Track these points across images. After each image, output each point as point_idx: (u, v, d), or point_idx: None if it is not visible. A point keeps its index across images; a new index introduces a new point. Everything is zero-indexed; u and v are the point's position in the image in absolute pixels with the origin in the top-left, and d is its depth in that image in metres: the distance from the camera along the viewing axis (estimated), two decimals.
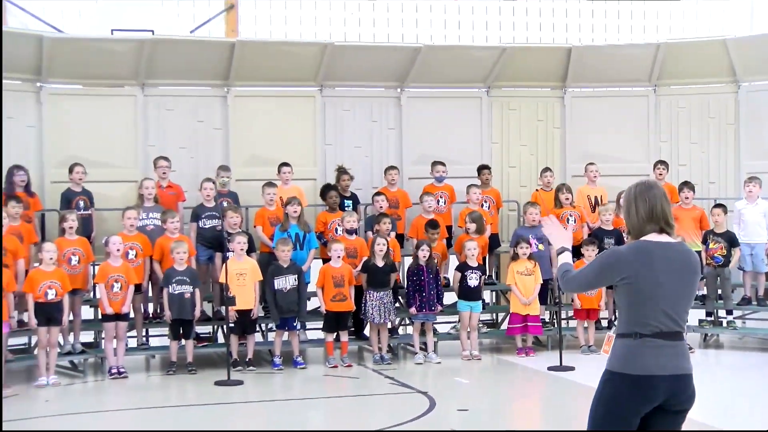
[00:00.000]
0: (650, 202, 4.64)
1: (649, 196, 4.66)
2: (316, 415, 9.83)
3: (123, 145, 13.30)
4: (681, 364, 4.56)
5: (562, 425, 8.94)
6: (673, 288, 4.56)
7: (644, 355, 4.51)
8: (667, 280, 4.54)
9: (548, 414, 9.71)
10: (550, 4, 19.76)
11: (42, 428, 9.20)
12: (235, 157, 13.57)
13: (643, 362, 4.50)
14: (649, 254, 4.57)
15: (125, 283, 11.25)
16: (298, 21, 18.37)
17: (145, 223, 12.07)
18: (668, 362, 4.52)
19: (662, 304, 4.53)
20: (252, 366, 11.56)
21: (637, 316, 4.55)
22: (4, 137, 12.76)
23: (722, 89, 14.67)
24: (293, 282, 11.71)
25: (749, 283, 13.00)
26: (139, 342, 12.27)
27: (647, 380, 4.47)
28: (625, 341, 4.58)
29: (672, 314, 4.55)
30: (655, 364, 4.49)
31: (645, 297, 4.54)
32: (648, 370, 4.48)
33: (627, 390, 4.50)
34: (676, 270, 4.59)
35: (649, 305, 4.53)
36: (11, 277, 10.70)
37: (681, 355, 4.58)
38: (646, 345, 4.52)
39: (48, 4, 17.14)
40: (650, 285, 4.53)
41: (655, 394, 4.49)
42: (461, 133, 14.44)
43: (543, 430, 6.14)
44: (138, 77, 13.31)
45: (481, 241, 12.62)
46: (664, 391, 4.49)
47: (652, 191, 4.69)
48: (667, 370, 4.50)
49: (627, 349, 4.56)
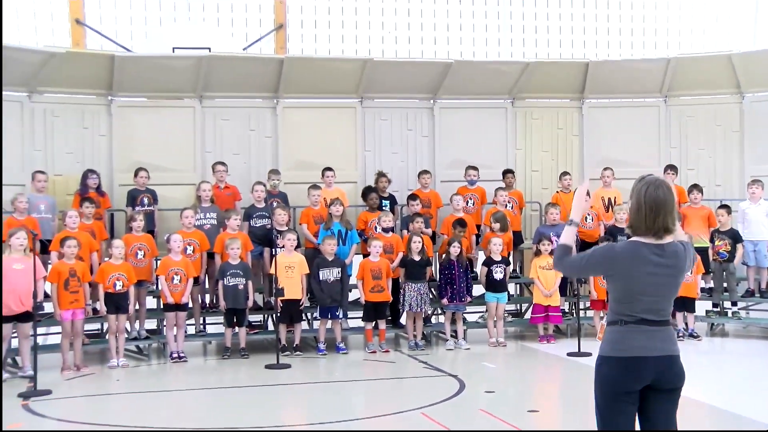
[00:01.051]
0: (655, 209, 4.54)
1: (655, 202, 4.54)
2: (357, 396, 9.82)
3: (183, 152, 13.39)
4: (666, 346, 4.55)
5: (579, 406, 8.91)
6: (658, 286, 4.54)
7: (631, 339, 4.51)
8: (653, 278, 4.52)
9: (567, 395, 9.68)
10: (569, 23, 19.67)
11: (112, 405, 9.30)
12: (284, 162, 13.62)
13: (630, 345, 4.50)
14: (640, 255, 4.54)
15: (184, 276, 11.31)
16: (340, 39, 18.42)
17: (203, 221, 12.13)
18: (653, 345, 4.51)
19: (647, 300, 4.52)
20: (299, 351, 11.59)
21: (624, 307, 4.56)
22: (80, 145, 12.99)
23: (727, 100, 14.53)
24: (336, 274, 11.75)
25: (753, 276, 12.94)
26: (197, 329, 12.35)
27: (634, 361, 4.48)
28: (613, 328, 4.59)
29: (656, 308, 4.54)
30: (640, 347, 4.49)
31: (632, 292, 4.53)
32: (634, 352, 4.49)
33: (617, 371, 4.51)
34: (664, 270, 4.55)
35: (634, 298, 4.53)
36: (86, 269, 10.84)
37: (666, 339, 4.57)
38: (632, 330, 4.52)
39: (119, 27, 17.32)
40: (637, 283, 4.52)
41: (642, 373, 4.48)
42: (488, 140, 14.41)
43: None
44: (196, 90, 13.41)
45: (505, 238, 12.60)
46: (651, 371, 4.49)
47: (660, 194, 4.56)
48: (653, 352, 4.50)
49: (615, 335, 4.57)
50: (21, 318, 10.22)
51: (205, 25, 17.68)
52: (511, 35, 19.42)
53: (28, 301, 10.10)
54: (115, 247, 11.07)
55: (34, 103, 12.71)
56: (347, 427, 7.99)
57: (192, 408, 9.12)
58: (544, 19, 19.59)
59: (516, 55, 18.81)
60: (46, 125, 12.79)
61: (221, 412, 8.82)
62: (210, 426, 8.06)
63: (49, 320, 11.20)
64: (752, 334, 13.07)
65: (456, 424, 7.79)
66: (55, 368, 10.48)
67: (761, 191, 12.89)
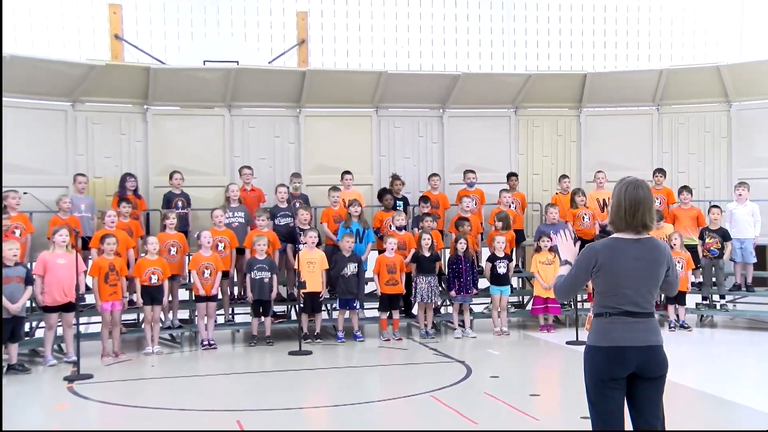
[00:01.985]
0: (634, 206, 4.54)
1: (635, 199, 4.54)
2: (372, 380, 9.84)
3: (213, 156, 13.41)
4: (648, 336, 4.53)
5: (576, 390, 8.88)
6: (638, 278, 4.52)
7: (615, 330, 4.51)
8: (633, 271, 4.51)
9: (565, 380, 9.65)
10: (569, 38, 19.63)
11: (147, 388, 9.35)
12: (306, 165, 13.63)
13: (613, 336, 4.50)
14: (619, 250, 4.54)
15: (214, 270, 11.36)
16: (357, 53, 18.43)
17: (231, 220, 12.17)
18: (636, 335, 4.50)
19: (628, 292, 4.51)
20: (319, 339, 11.63)
21: (608, 300, 4.55)
22: (118, 150, 13.03)
23: (716, 108, 14.47)
24: (354, 269, 11.78)
25: (739, 272, 12.92)
26: (226, 319, 12.42)
27: (617, 350, 4.47)
28: (599, 320, 4.59)
29: (637, 299, 4.52)
30: (623, 337, 4.49)
31: (614, 285, 4.52)
32: (617, 342, 4.49)
33: (602, 360, 4.51)
34: (643, 263, 4.54)
35: (617, 292, 4.51)
36: (123, 264, 10.89)
37: (648, 330, 4.54)
38: (615, 322, 4.52)
39: (155, 41, 17.37)
40: (618, 276, 4.51)
41: (625, 362, 4.47)
42: (493, 146, 14.40)
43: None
44: (225, 100, 13.44)
45: (507, 236, 12.62)
46: (633, 360, 4.47)
47: (639, 193, 4.56)
48: (635, 342, 4.49)
49: (600, 326, 4.57)
50: (65, 308, 10.31)
51: (234, 40, 17.71)
52: (514, 49, 19.40)
53: (71, 293, 10.18)
54: (150, 243, 11.13)
55: (77, 112, 12.77)
56: (364, 409, 8.01)
57: (221, 391, 9.14)
58: (545, 34, 19.55)
59: (519, 68, 18.79)
60: (88, 132, 12.84)
61: (248, 394, 8.87)
62: (237, 407, 8.06)
63: (91, 311, 11.29)
64: (739, 325, 13.03)
65: (463, 406, 7.78)
66: (95, 354, 10.54)
67: (747, 193, 12.87)
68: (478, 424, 7.19)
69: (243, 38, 17.91)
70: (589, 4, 19.76)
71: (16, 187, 11.27)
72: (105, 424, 7.82)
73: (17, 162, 11.99)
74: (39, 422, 7.96)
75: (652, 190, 4.73)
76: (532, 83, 14.30)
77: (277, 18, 18.22)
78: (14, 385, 9.32)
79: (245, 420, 7.38)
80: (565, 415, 7.75)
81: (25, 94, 12.33)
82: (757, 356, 10.73)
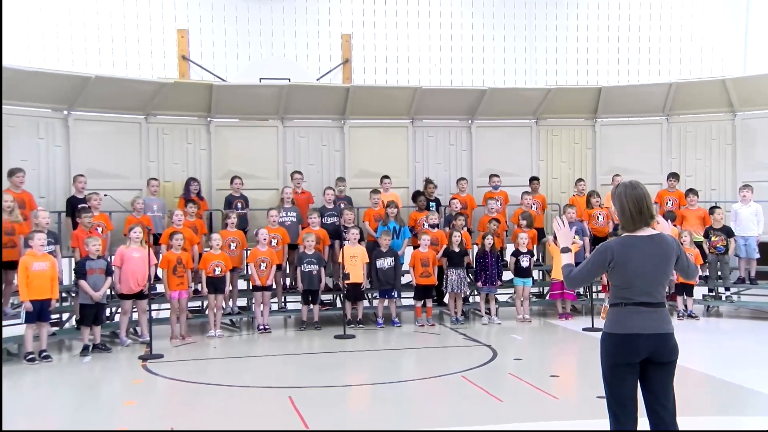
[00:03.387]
0: (638, 203, 4.48)
1: (636, 197, 4.50)
2: (408, 361, 9.83)
3: (268, 163, 13.47)
4: (660, 325, 4.44)
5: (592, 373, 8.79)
6: (650, 272, 4.44)
7: (629, 318, 4.43)
8: (646, 266, 4.43)
9: (582, 363, 9.55)
10: (585, 55, 19.43)
11: (210, 367, 9.41)
12: (349, 171, 13.66)
13: (628, 324, 4.42)
14: (633, 246, 4.47)
15: (269, 263, 11.42)
16: (395, 71, 18.43)
17: (285, 219, 12.23)
18: (649, 324, 4.42)
19: (642, 285, 4.43)
20: (361, 324, 11.64)
21: (623, 292, 4.47)
22: (185, 157, 13.15)
23: (721, 117, 14.22)
24: (391, 263, 11.77)
25: (743, 266, 12.69)
26: (279, 306, 12.45)
27: (631, 337, 4.39)
28: (615, 309, 4.51)
29: (650, 291, 4.45)
30: (637, 325, 4.41)
31: (628, 279, 4.44)
32: (632, 329, 4.41)
33: (617, 345, 4.43)
34: (654, 258, 4.46)
35: (630, 284, 4.44)
36: (189, 258, 10.99)
37: (660, 319, 4.46)
38: (630, 311, 4.44)
39: (217, 61, 17.52)
40: (632, 270, 4.43)
41: (638, 348, 4.39)
42: (516, 153, 14.31)
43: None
44: (279, 113, 13.50)
45: (530, 234, 12.54)
46: (646, 346, 4.39)
47: (638, 191, 4.52)
48: (648, 330, 4.40)
49: (616, 315, 4.49)
50: (139, 296, 10.44)
51: (286, 60, 17.80)
52: (535, 66, 19.26)
53: (144, 283, 10.33)
54: (214, 240, 11.22)
55: (149, 124, 12.93)
56: (401, 386, 8.01)
57: (274, 370, 9.19)
58: (563, 52, 19.38)
59: (539, 83, 18.63)
60: (159, 141, 12.98)
61: (298, 373, 8.91)
62: (289, 385, 8.09)
63: (161, 298, 11.36)
64: (743, 314, 12.78)
65: (489, 385, 7.74)
66: (165, 337, 10.66)
67: (751, 194, 12.72)
68: (502, 402, 7.16)
69: (294, 58, 17.99)
70: (603, 25, 19.55)
71: (97, 190, 11.45)
72: (173, 398, 7.91)
73: (98, 168, 12.19)
74: (120, 395, 8.07)
75: (666, 192, 4.71)
76: (552, 96, 14.19)
77: (324, 40, 18.29)
78: (98, 361, 9.52)
79: (296, 396, 7.40)
80: (581, 394, 7.68)
81: (106, 109, 12.54)
82: (759, 343, 10.50)
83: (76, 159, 12.11)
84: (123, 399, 7.79)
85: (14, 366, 9.21)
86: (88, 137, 12.34)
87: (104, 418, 7.00)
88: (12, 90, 11.16)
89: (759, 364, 9.06)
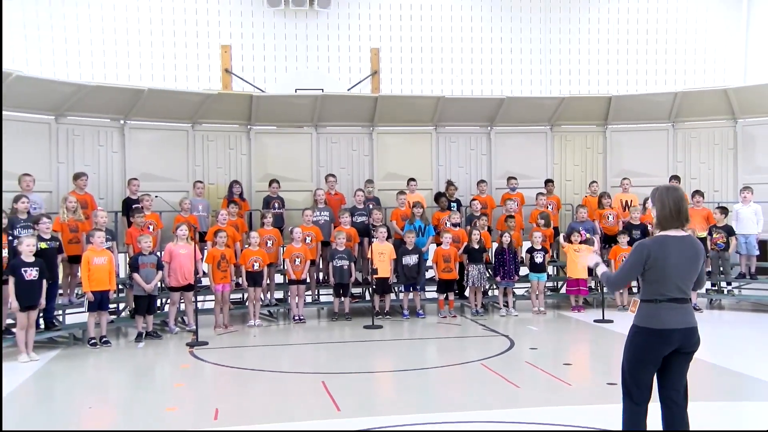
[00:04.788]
0: (677, 204, 4.48)
1: (677, 198, 4.49)
2: (432, 349, 9.83)
3: (303, 166, 13.52)
4: (688, 319, 4.45)
5: (602, 360, 8.77)
6: (682, 269, 4.43)
7: (662, 314, 4.40)
8: (678, 263, 4.41)
9: (593, 353, 9.52)
10: (596, 66, 19.27)
11: (250, 354, 9.48)
12: (378, 173, 13.69)
13: (662, 319, 4.39)
14: (667, 245, 4.44)
15: (304, 258, 11.47)
16: (419, 81, 18.40)
17: (318, 218, 12.25)
18: (679, 319, 4.41)
19: (674, 280, 4.41)
20: (388, 315, 11.66)
21: (657, 288, 4.44)
22: (227, 162, 13.26)
23: (724, 124, 14.03)
24: (416, 259, 11.78)
25: (744, 263, 12.56)
26: (313, 298, 12.51)
27: (666, 332, 4.38)
28: (648, 305, 4.46)
29: (681, 287, 4.43)
30: (670, 320, 4.39)
31: (663, 276, 4.41)
32: (665, 324, 4.38)
33: (651, 339, 4.40)
34: (686, 256, 4.44)
35: (665, 281, 4.41)
36: (231, 254, 11.07)
37: (688, 314, 4.47)
38: (663, 307, 4.41)
39: (256, 74, 17.63)
40: (666, 267, 4.41)
41: (670, 341, 4.39)
42: (532, 157, 14.22)
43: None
44: (313, 121, 13.55)
45: (547, 232, 12.49)
46: (677, 339, 4.39)
47: (678, 193, 4.54)
48: (679, 324, 4.40)
49: (650, 310, 4.45)
50: (186, 288, 10.56)
51: (319, 72, 17.87)
52: (550, 77, 19.13)
53: (190, 276, 10.43)
54: (252, 237, 11.30)
55: (195, 132, 13.06)
56: (425, 373, 8.02)
57: (308, 357, 9.26)
58: (576, 63, 19.24)
59: (554, 92, 18.50)
60: (204, 147, 13.10)
61: (330, 360, 8.96)
62: (322, 370, 8.14)
63: (206, 291, 11.50)
64: (743, 307, 12.64)
65: (507, 372, 7.74)
66: (209, 326, 10.77)
67: (751, 195, 12.59)
68: (519, 388, 7.15)
69: (327, 70, 18.05)
70: (613, 38, 19.38)
71: (149, 192, 11.63)
72: (218, 381, 7.99)
73: (150, 171, 12.37)
74: (170, 378, 8.19)
75: None
76: (565, 105, 14.09)
77: (354, 54, 18.33)
78: (151, 347, 9.66)
79: (328, 380, 7.44)
80: (592, 381, 7.65)
81: (157, 119, 12.71)
82: (759, 334, 10.39)
83: (131, 164, 12.32)
84: (173, 381, 7.91)
85: (79, 349, 9.49)
86: (142, 144, 12.53)
87: (157, 397, 7.12)
88: (77, 103, 11.62)
89: (759, 353, 8.98)
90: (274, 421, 6.13)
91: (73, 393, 7.42)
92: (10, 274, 8.73)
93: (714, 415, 6.00)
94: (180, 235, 10.59)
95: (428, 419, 6.02)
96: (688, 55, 19.57)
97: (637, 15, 19.50)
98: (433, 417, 6.09)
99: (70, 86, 11.68)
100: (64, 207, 10.25)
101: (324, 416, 6.21)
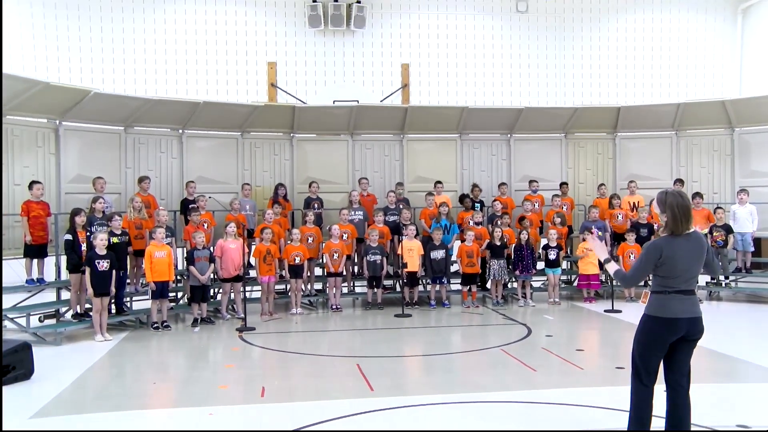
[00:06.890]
0: (686, 214, 4.38)
1: (685, 206, 4.39)
2: (456, 336, 9.76)
3: (340, 170, 13.56)
4: (695, 309, 4.40)
5: (611, 347, 8.65)
6: (689, 263, 4.37)
7: (671, 305, 4.34)
8: (686, 258, 4.35)
9: (604, 340, 9.39)
10: (606, 80, 19.04)
11: (293, 339, 9.52)
12: (407, 177, 13.67)
13: (671, 309, 4.34)
14: (677, 244, 4.37)
15: (341, 254, 11.49)
16: (446, 93, 18.35)
17: (353, 217, 12.27)
18: (687, 308, 4.35)
19: (684, 275, 4.36)
20: (416, 305, 11.64)
21: (667, 281, 4.38)
22: (272, 166, 13.34)
23: (722, 132, 13.79)
24: (442, 254, 11.73)
25: (740, 258, 12.37)
26: (349, 289, 12.52)
27: (674, 321, 4.32)
28: (658, 296, 4.41)
29: (689, 279, 4.38)
30: (678, 310, 4.33)
31: (673, 271, 4.35)
32: (674, 314, 4.33)
33: (661, 327, 4.35)
34: (692, 251, 4.38)
35: (675, 276, 4.35)
36: (276, 249, 11.14)
37: (695, 304, 4.41)
38: (671, 298, 4.35)
39: (299, 87, 17.73)
40: (677, 263, 4.35)
41: (678, 329, 4.33)
42: (549, 162, 14.10)
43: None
44: (349, 129, 13.59)
45: (562, 231, 12.38)
46: (684, 328, 4.34)
47: (686, 202, 4.42)
48: (686, 314, 4.34)
49: (660, 301, 4.39)
50: (235, 279, 10.64)
51: (355, 85, 17.91)
52: (564, 89, 18.95)
53: (239, 269, 10.52)
54: (294, 234, 11.35)
55: (244, 139, 13.18)
56: (451, 357, 7.99)
57: (345, 342, 9.27)
58: (588, 77, 19.03)
59: (568, 103, 18.31)
60: (251, 153, 13.21)
61: (364, 345, 8.96)
62: (357, 354, 8.15)
63: (253, 282, 11.60)
64: (740, 299, 12.40)
65: (525, 357, 7.68)
66: (256, 313, 10.85)
67: (747, 197, 12.46)
68: (536, 371, 7.09)
69: (362, 84, 18.09)
70: (622, 54, 19.15)
71: (203, 193, 11.77)
72: (264, 363, 8.03)
73: (204, 175, 12.52)
74: (222, 359, 8.26)
75: None
76: (578, 114, 13.94)
77: (386, 68, 18.35)
78: (205, 332, 9.76)
79: (362, 363, 7.45)
80: (603, 365, 7.53)
81: (211, 128, 12.85)
82: (754, 323, 10.18)
83: (188, 168, 12.50)
84: (224, 362, 7.96)
85: (144, 332, 9.70)
86: (197, 151, 12.69)
87: (211, 376, 7.18)
88: (143, 115, 11.89)
89: (753, 340, 8.82)
90: (314, 398, 6.15)
91: (140, 370, 7.55)
92: (87, 265, 9.06)
93: (712, 396, 5.92)
94: (228, 231, 10.67)
95: (453, 399, 6.00)
96: (689, 69, 19.36)
97: (643, 33, 19.31)
98: (457, 397, 6.07)
99: (137, 101, 11.89)
100: (130, 207, 10.46)
101: (358, 395, 6.21)
